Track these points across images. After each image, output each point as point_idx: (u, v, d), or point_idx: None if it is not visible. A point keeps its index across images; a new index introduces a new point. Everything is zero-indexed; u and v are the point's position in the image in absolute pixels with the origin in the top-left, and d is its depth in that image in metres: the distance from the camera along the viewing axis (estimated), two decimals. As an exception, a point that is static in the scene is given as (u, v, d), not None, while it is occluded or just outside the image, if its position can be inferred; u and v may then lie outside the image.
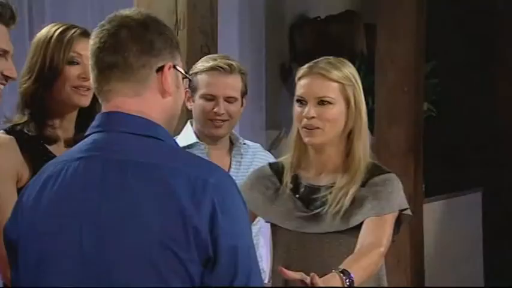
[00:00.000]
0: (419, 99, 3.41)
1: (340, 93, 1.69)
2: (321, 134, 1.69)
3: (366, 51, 3.92)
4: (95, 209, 1.16)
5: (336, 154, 1.72)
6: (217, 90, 1.93)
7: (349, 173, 1.69)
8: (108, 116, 1.22)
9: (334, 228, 1.67)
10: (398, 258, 3.25)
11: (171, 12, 2.28)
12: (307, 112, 1.68)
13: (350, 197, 1.67)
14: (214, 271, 1.14)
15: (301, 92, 1.71)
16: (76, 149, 1.24)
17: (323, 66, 1.70)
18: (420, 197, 3.41)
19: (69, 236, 1.17)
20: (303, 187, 1.73)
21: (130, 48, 1.20)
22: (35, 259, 1.20)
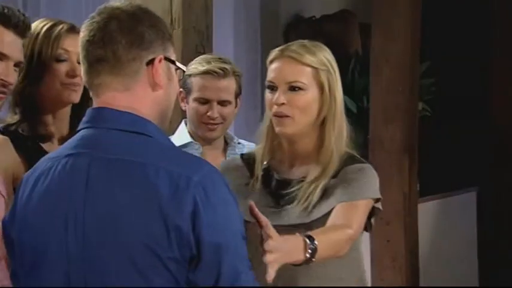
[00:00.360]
0: (414, 98, 3.41)
1: (313, 79, 1.57)
2: (291, 123, 1.57)
3: (361, 51, 3.92)
4: (80, 208, 1.16)
5: (308, 145, 1.61)
6: (211, 94, 1.93)
7: (321, 166, 1.59)
8: (97, 112, 1.21)
9: (301, 220, 1.57)
10: (393, 257, 3.26)
11: (166, 12, 2.28)
12: (277, 98, 1.56)
13: (319, 192, 1.57)
14: (197, 270, 1.13)
15: (271, 77, 1.59)
16: (66, 145, 1.23)
17: (295, 49, 1.58)
18: (415, 196, 3.41)
19: (57, 234, 1.17)
20: (274, 181, 1.63)
21: (119, 41, 1.18)
22: (29, 257, 1.20)
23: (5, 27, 1.47)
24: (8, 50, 1.47)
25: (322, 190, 1.58)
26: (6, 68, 1.47)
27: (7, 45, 1.47)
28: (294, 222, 1.56)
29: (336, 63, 1.63)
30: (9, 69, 1.48)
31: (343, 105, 1.62)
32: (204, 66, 1.97)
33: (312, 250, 1.39)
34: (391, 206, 3.30)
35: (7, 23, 1.48)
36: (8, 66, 1.48)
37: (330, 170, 1.59)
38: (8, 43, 1.47)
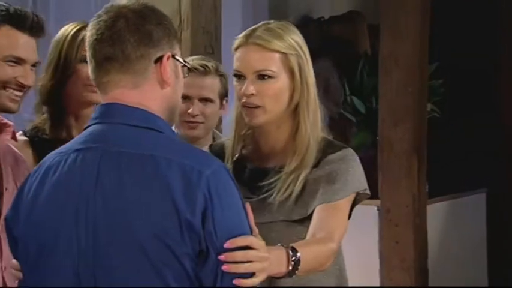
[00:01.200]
0: (423, 99, 3.41)
1: (282, 65, 1.49)
2: (262, 113, 1.48)
3: (369, 52, 3.92)
4: (91, 202, 1.17)
5: (283, 134, 1.52)
6: (192, 91, 1.91)
7: (299, 155, 1.50)
8: (106, 108, 1.22)
9: (283, 216, 1.50)
10: (402, 258, 3.25)
11: (175, 13, 2.29)
12: (246, 89, 1.48)
13: (301, 182, 1.49)
14: (204, 266, 1.13)
15: (238, 66, 1.50)
16: (74, 141, 1.24)
17: (261, 35, 1.49)
18: (424, 197, 3.40)
19: (66, 229, 1.17)
20: (248, 171, 1.54)
21: (127, 39, 1.19)
22: (35, 252, 1.20)
23: (19, 30, 1.49)
24: (24, 53, 1.49)
25: (303, 181, 1.49)
26: (24, 71, 1.50)
27: (23, 48, 1.49)
28: (275, 219, 1.50)
29: (306, 44, 1.53)
30: (27, 72, 1.50)
31: (315, 89, 1.53)
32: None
33: (295, 262, 1.34)
34: (400, 207, 3.29)
35: (21, 25, 1.50)
36: (26, 69, 1.50)
37: (310, 159, 1.51)
38: (24, 46, 1.49)
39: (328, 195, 1.49)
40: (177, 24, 2.26)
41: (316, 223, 1.47)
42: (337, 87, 3.88)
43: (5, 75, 1.48)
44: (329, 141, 1.56)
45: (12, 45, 1.49)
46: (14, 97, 1.49)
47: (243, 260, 1.16)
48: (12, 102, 1.49)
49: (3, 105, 1.49)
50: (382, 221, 3.34)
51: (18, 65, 1.50)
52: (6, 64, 1.49)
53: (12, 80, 1.48)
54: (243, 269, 1.16)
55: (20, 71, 1.49)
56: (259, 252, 1.19)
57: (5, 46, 1.49)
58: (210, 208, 1.13)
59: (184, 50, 2.28)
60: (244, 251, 1.16)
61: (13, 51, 1.49)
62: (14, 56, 1.49)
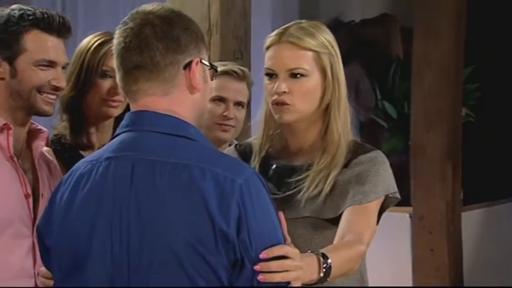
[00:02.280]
0: (457, 104, 3.36)
1: (315, 63, 1.48)
2: (293, 111, 1.47)
3: (402, 55, 3.88)
4: (124, 210, 1.17)
5: (312, 133, 1.52)
6: (229, 94, 1.92)
7: (329, 154, 1.49)
8: (137, 116, 1.22)
9: (310, 213, 1.48)
10: (437, 267, 3.20)
11: (204, 18, 2.29)
12: (278, 87, 1.47)
13: (331, 181, 1.48)
14: (241, 275, 1.13)
15: (270, 64, 1.49)
16: (105, 149, 1.24)
17: (293, 33, 1.48)
18: (459, 204, 3.35)
19: (100, 237, 1.18)
20: (274, 168, 1.53)
21: (156, 46, 1.18)
22: (69, 261, 1.21)
23: (48, 33, 1.51)
24: (55, 55, 1.51)
25: (333, 180, 1.49)
26: (57, 74, 1.51)
27: (53, 51, 1.51)
28: (301, 215, 1.48)
29: (337, 44, 1.53)
30: (59, 74, 1.52)
31: (346, 89, 1.52)
32: (221, 67, 1.98)
33: (326, 269, 1.33)
34: (433, 214, 3.25)
35: (50, 28, 1.51)
36: (58, 71, 1.52)
37: (340, 158, 1.49)
38: (54, 49, 1.51)
39: (358, 197, 1.48)
40: (206, 29, 2.27)
41: (345, 225, 1.46)
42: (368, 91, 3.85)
43: (39, 80, 1.50)
44: (359, 144, 1.55)
45: (42, 49, 1.50)
46: (50, 100, 1.52)
47: (278, 269, 1.16)
48: (48, 105, 1.52)
49: (40, 109, 1.51)
50: (415, 228, 3.30)
51: (50, 68, 1.51)
52: (39, 68, 1.50)
53: (46, 84, 1.50)
54: (279, 278, 1.16)
55: (52, 74, 1.51)
56: (294, 261, 1.19)
57: (36, 50, 1.50)
58: (244, 217, 1.13)
59: (214, 55, 2.28)
60: (280, 260, 1.16)
61: (44, 55, 1.50)
62: (46, 60, 1.50)
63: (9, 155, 1.51)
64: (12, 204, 1.49)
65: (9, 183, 1.50)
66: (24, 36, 1.49)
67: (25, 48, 1.49)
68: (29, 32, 1.49)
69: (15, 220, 1.49)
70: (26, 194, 1.51)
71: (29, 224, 1.51)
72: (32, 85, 1.50)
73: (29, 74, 1.50)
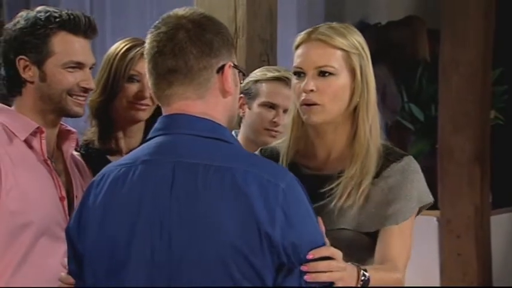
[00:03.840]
0: (485, 106, 3.33)
1: (344, 63, 1.46)
2: (321, 111, 1.45)
3: (429, 58, 3.85)
4: (165, 213, 1.17)
5: (341, 136, 1.49)
6: (280, 101, 1.93)
7: (358, 160, 1.46)
8: (171, 119, 1.22)
9: (343, 224, 1.46)
10: (465, 272, 3.17)
11: (230, 20, 2.30)
12: (306, 85, 1.44)
13: (363, 191, 1.45)
14: (289, 278, 1.15)
15: (299, 62, 1.47)
16: (139, 152, 1.23)
17: (324, 32, 1.46)
18: (487, 208, 3.31)
19: (140, 241, 1.17)
20: (306, 178, 1.46)
21: (190, 50, 1.19)
22: (105, 266, 1.19)
23: (75, 35, 1.51)
24: (82, 57, 1.51)
25: (365, 191, 1.46)
26: (85, 75, 1.52)
27: (80, 52, 1.51)
28: (335, 227, 1.46)
29: (368, 47, 1.51)
30: (87, 75, 1.52)
31: (375, 92, 1.50)
32: (274, 72, 1.99)
33: (364, 281, 1.34)
34: (461, 218, 3.22)
35: (76, 29, 1.51)
36: (86, 72, 1.52)
37: (370, 164, 1.46)
38: (81, 50, 1.51)
39: (393, 218, 1.47)
40: (233, 31, 2.28)
41: (382, 251, 1.47)
42: (395, 94, 3.83)
43: (68, 82, 1.50)
44: (389, 148, 1.52)
45: (70, 51, 1.50)
46: (80, 101, 1.52)
47: (325, 270, 1.19)
48: (78, 106, 1.52)
49: (71, 110, 1.52)
50: (443, 232, 3.27)
51: (78, 70, 1.51)
52: (67, 71, 1.50)
53: (75, 86, 1.50)
54: (326, 277, 1.19)
55: (80, 75, 1.51)
56: (338, 262, 1.22)
57: (63, 53, 1.50)
58: (288, 221, 1.14)
59: (240, 58, 2.30)
60: (327, 261, 1.19)
61: (72, 57, 1.50)
62: (74, 62, 1.50)
63: (43, 158, 1.51)
64: (48, 208, 1.49)
65: (45, 186, 1.50)
66: (52, 39, 1.49)
67: (53, 51, 1.49)
68: (57, 35, 1.49)
69: (52, 224, 1.49)
70: (61, 197, 1.51)
71: (65, 227, 1.46)
72: (62, 88, 1.50)
73: (58, 77, 1.50)
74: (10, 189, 1.46)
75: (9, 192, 1.45)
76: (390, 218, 1.46)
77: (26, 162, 1.50)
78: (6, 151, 1.48)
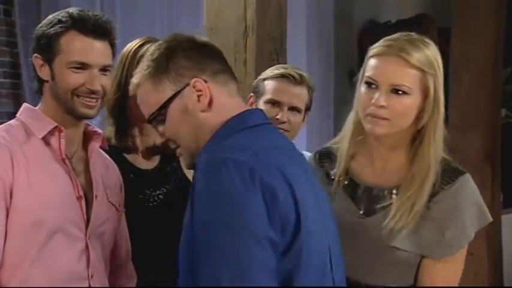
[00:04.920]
0: (496, 105, 3.32)
1: (419, 82, 1.42)
2: (387, 126, 1.43)
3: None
4: (324, 203, 1.28)
5: (401, 150, 1.47)
6: (284, 98, 1.92)
7: (417, 181, 1.43)
8: (248, 113, 1.28)
9: (393, 243, 1.44)
10: (476, 272, 3.16)
11: (240, 19, 2.31)
12: (377, 100, 1.42)
13: (415, 214, 1.42)
14: None
15: (373, 74, 1.44)
16: (252, 145, 1.20)
17: (403, 47, 1.42)
18: (498, 207, 3.30)
19: (326, 237, 1.24)
20: (361, 189, 1.49)
21: None
22: (316, 264, 1.18)
23: (83, 35, 1.49)
24: (87, 57, 1.49)
25: (418, 214, 1.43)
26: (90, 76, 1.49)
27: (85, 53, 1.49)
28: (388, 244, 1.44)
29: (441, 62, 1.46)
30: (92, 77, 1.49)
31: (444, 111, 1.46)
32: (281, 70, 1.98)
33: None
34: (472, 217, 3.20)
35: (84, 29, 1.49)
36: (91, 74, 1.49)
37: (427, 188, 1.43)
38: (87, 51, 1.49)
39: (446, 249, 1.44)
40: (243, 30, 2.29)
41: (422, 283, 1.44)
42: (405, 92, 3.82)
43: (72, 82, 1.48)
44: (446, 163, 1.48)
45: (74, 50, 1.48)
46: (88, 103, 1.49)
47: None
48: (86, 108, 1.49)
49: (79, 112, 1.50)
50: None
51: (83, 71, 1.48)
52: (71, 71, 1.48)
53: (81, 86, 1.48)
54: None
55: (85, 76, 1.48)
56: None
57: (68, 52, 1.48)
58: None
59: (250, 56, 2.30)
60: None
61: (75, 57, 1.48)
62: (77, 62, 1.48)
63: (61, 157, 1.51)
64: (62, 207, 1.49)
65: (60, 185, 1.50)
66: (61, 38, 1.49)
67: (61, 50, 1.49)
68: (66, 34, 1.48)
69: (66, 222, 1.49)
70: (78, 196, 1.51)
71: (82, 226, 1.51)
72: (67, 88, 1.49)
73: (64, 76, 1.49)
74: (23, 187, 1.46)
75: (21, 191, 1.46)
76: (445, 249, 1.43)
77: (41, 161, 1.49)
78: (22, 149, 1.48)
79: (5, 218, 1.44)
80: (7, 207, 1.44)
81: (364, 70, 1.47)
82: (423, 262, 1.44)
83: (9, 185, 1.45)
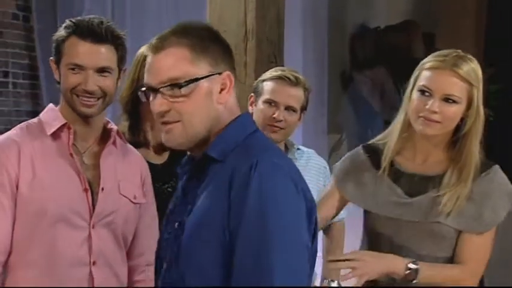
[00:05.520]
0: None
1: (466, 93, 1.62)
2: (438, 128, 1.63)
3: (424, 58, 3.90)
4: None
5: (441, 147, 1.67)
6: (280, 98, 1.97)
7: (460, 172, 1.64)
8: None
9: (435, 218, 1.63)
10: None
11: (241, 24, 2.36)
12: (431, 105, 1.61)
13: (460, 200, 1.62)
14: None
15: (428, 84, 1.62)
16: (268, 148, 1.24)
17: (456, 63, 1.62)
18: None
19: None
20: (405, 176, 1.69)
21: None
22: None
23: (82, 39, 1.53)
24: (82, 60, 1.53)
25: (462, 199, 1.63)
26: (84, 78, 1.53)
27: (82, 56, 1.53)
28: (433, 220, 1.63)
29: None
30: (87, 78, 1.53)
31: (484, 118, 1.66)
32: (278, 72, 2.03)
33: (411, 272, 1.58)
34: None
35: (82, 34, 1.53)
36: (87, 75, 1.53)
37: (471, 178, 1.63)
38: (83, 53, 1.53)
39: (481, 227, 1.64)
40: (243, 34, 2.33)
41: (462, 253, 1.64)
42: (393, 92, 3.89)
43: (69, 82, 1.54)
44: (480, 157, 1.67)
45: (73, 53, 1.53)
46: (86, 102, 1.54)
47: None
48: (84, 107, 1.54)
49: (78, 110, 1.55)
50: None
51: (81, 72, 1.53)
52: (70, 72, 1.53)
53: (78, 87, 1.53)
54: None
55: (81, 77, 1.53)
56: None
57: (68, 55, 1.54)
58: None
59: (250, 59, 2.35)
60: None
61: (72, 59, 1.53)
62: (73, 64, 1.53)
63: (69, 152, 1.56)
64: (65, 198, 1.53)
65: (66, 179, 1.55)
66: (65, 43, 1.55)
67: (64, 53, 1.55)
68: (68, 39, 1.54)
69: (69, 212, 1.53)
70: (84, 189, 1.55)
71: (86, 216, 1.55)
72: (66, 87, 1.55)
73: (64, 77, 1.55)
74: (28, 180, 1.52)
75: (27, 183, 1.52)
76: (481, 226, 1.63)
77: (49, 156, 1.55)
78: (33, 145, 1.55)
79: (14, 207, 1.52)
80: (15, 198, 1.52)
81: (415, 80, 1.66)
82: (462, 236, 1.64)
83: (15, 177, 1.52)
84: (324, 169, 2.20)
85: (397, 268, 1.58)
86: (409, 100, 1.66)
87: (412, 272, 1.58)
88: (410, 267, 1.58)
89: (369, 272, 1.56)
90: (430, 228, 1.62)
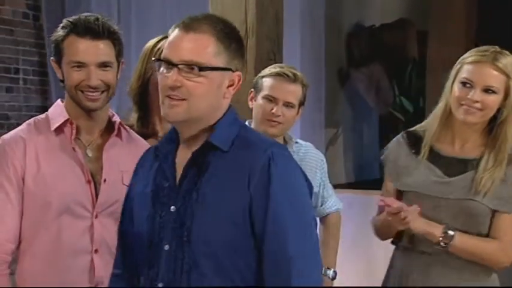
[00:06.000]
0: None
1: (504, 85, 1.71)
2: (479, 115, 1.71)
3: (417, 56, 3.90)
4: None
5: (478, 133, 1.75)
6: (279, 94, 1.98)
7: (495, 157, 1.72)
8: None
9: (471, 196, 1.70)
10: None
11: (241, 22, 2.38)
12: (473, 95, 1.70)
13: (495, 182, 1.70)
14: None
15: (471, 76, 1.71)
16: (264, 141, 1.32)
17: (495, 57, 1.71)
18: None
19: None
20: (443, 158, 1.76)
21: None
22: None
23: (80, 37, 1.54)
24: (83, 57, 1.53)
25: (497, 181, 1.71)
26: (86, 74, 1.54)
27: (82, 53, 1.53)
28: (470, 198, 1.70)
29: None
30: (89, 74, 1.54)
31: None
32: (277, 69, 2.04)
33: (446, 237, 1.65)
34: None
35: (80, 32, 1.54)
36: (88, 71, 1.54)
37: (505, 161, 1.72)
38: (83, 51, 1.53)
39: (510, 206, 1.72)
40: (244, 32, 2.34)
41: (494, 231, 1.72)
42: (388, 88, 3.90)
43: (73, 79, 1.55)
44: None
45: (73, 52, 1.54)
46: (91, 97, 1.55)
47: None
48: (89, 101, 1.55)
49: (84, 105, 1.56)
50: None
51: (82, 69, 1.53)
52: (73, 70, 1.54)
53: (81, 83, 1.54)
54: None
55: (84, 73, 1.53)
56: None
57: (69, 53, 1.54)
58: None
59: (250, 56, 2.37)
60: None
61: (73, 57, 1.54)
62: (75, 61, 1.54)
63: (71, 146, 1.57)
64: (68, 190, 1.55)
65: (69, 171, 1.56)
66: (64, 42, 1.55)
67: (64, 52, 1.56)
68: (67, 38, 1.55)
69: (72, 203, 1.55)
70: (88, 180, 1.57)
71: (89, 207, 1.57)
72: (71, 84, 1.56)
73: (68, 75, 1.56)
74: (33, 174, 1.54)
75: (32, 177, 1.54)
76: (506, 206, 1.71)
77: (52, 150, 1.56)
78: (38, 141, 1.57)
79: (21, 199, 1.54)
80: (22, 191, 1.54)
81: (456, 73, 1.75)
82: (496, 216, 1.72)
83: (21, 172, 1.53)
84: (321, 162, 2.20)
85: (435, 231, 1.66)
86: (450, 92, 1.74)
87: (447, 235, 1.66)
88: (446, 231, 1.66)
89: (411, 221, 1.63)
90: (467, 205, 1.70)
